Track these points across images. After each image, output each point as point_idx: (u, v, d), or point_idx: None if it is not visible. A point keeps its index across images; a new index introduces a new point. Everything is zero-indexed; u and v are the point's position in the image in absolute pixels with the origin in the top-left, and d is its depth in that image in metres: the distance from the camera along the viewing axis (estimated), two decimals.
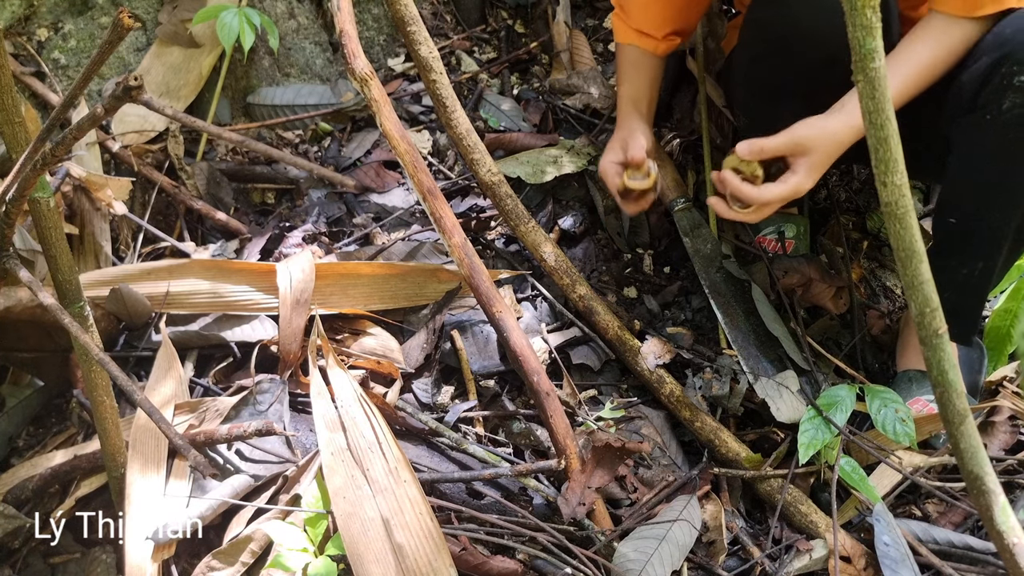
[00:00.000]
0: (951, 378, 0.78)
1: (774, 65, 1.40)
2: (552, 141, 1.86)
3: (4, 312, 1.30)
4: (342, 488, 1.10)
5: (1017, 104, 1.21)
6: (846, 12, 0.70)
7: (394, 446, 1.13)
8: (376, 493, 1.10)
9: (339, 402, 1.18)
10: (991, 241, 1.34)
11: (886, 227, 0.80)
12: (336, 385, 1.20)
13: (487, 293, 1.36)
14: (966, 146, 1.31)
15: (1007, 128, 1.23)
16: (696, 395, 1.42)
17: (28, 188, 0.88)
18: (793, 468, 1.34)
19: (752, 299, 1.54)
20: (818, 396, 1.37)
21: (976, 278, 1.38)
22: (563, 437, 1.26)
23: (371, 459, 1.12)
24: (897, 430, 1.29)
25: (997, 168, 1.29)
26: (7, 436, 1.38)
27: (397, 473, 1.11)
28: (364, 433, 1.15)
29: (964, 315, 1.44)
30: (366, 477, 1.11)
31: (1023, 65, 1.19)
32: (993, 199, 1.31)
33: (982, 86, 1.25)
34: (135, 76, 0.66)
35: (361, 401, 1.18)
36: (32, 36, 1.70)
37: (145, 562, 1.10)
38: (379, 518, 1.08)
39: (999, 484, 0.81)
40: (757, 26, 1.42)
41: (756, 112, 1.55)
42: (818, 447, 1.28)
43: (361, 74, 1.38)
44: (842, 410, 1.31)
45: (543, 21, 2.19)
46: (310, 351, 1.28)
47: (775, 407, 1.39)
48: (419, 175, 1.38)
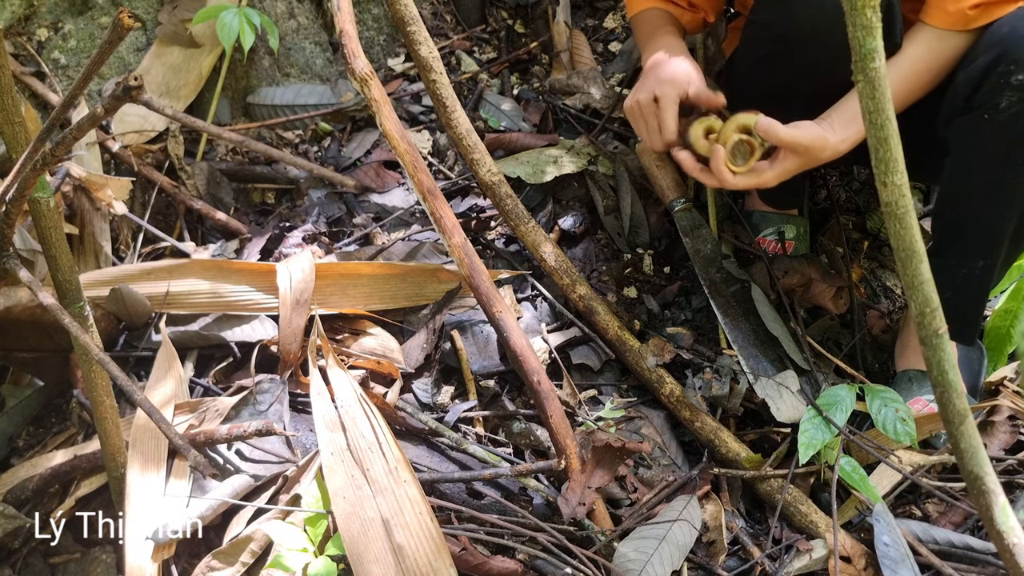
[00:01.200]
0: (951, 378, 0.78)
1: (776, 67, 1.40)
2: (552, 141, 1.86)
3: (4, 312, 1.30)
4: (342, 488, 1.10)
5: (1014, 103, 1.21)
6: (846, 12, 0.70)
7: (394, 446, 1.13)
8: (376, 493, 1.10)
9: (339, 402, 1.18)
10: (990, 240, 1.34)
11: (886, 227, 0.80)
12: (336, 385, 1.20)
13: (487, 293, 1.36)
14: (963, 146, 1.31)
15: (1004, 127, 1.23)
16: (696, 395, 1.42)
17: (28, 188, 0.88)
18: (793, 468, 1.34)
19: (752, 299, 1.54)
20: (818, 396, 1.37)
21: (976, 277, 1.38)
22: (563, 437, 1.26)
23: (371, 459, 1.12)
24: (898, 429, 1.29)
25: (995, 167, 1.29)
26: (7, 436, 1.38)
27: (397, 473, 1.11)
28: (364, 433, 1.15)
29: (965, 314, 1.45)
30: (366, 477, 1.11)
31: (1020, 64, 1.19)
32: (991, 198, 1.31)
33: (979, 85, 1.25)
34: (135, 76, 0.66)
35: (361, 401, 1.18)
36: (32, 36, 1.70)
37: (145, 562, 1.10)
38: (379, 518, 1.08)
39: (999, 484, 0.80)
40: (759, 28, 1.42)
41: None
42: (818, 447, 1.28)
43: (361, 74, 1.38)
44: (842, 410, 1.31)
45: (543, 21, 2.19)
46: (310, 351, 1.28)
47: (775, 407, 1.39)
48: (419, 175, 1.38)
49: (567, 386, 1.46)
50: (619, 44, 2.17)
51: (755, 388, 1.42)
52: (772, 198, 1.70)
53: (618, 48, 2.16)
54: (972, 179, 1.33)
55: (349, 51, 1.40)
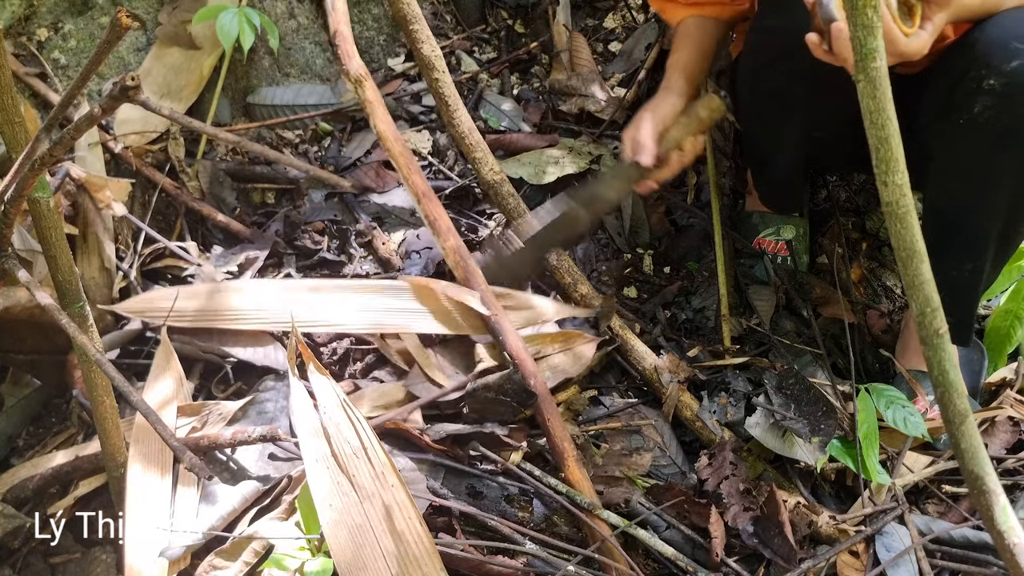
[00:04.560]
0: (952, 378, 0.78)
1: (781, 72, 1.38)
2: (552, 142, 1.86)
3: (3, 312, 1.30)
4: (328, 495, 1.08)
5: (988, 108, 1.19)
6: (847, 12, 0.70)
7: (380, 451, 1.12)
8: (363, 499, 1.09)
9: (321, 409, 1.16)
10: (977, 243, 1.33)
11: (886, 227, 0.79)
12: (318, 392, 1.17)
13: (483, 296, 1.36)
14: (944, 151, 1.31)
15: (980, 132, 1.22)
16: (711, 419, 1.41)
17: (27, 188, 0.88)
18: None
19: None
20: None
21: (967, 279, 1.37)
22: (560, 440, 1.26)
23: (356, 465, 1.11)
24: (908, 423, 1.31)
25: (974, 172, 1.28)
26: (7, 436, 1.38)
27: (384, 478, 1.10)
28: (348, 439, 1.13)
29: (958, 316, 1.43)
30: (352, 483, 1.10)
31: (991, 69, 1.17)
32: (974, 201, 1.31)
33: (953, 90, 1.24)
34: (132, 76, 0.65)
35: (344, 407, 1.16)
36: (32, 36, 1.70)
37: (145, 562, 1.10)
38: (367, 524, 1.07)
39: (999, 484, 0.80)
40: (763, 34, 1.41)
41: (762, 117, 1.54)
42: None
43: (356, 75, 1.38)
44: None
45: (543, 21, 2.19)
46: (289, 359, 1.24)
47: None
48: (413, 177, 1.37)
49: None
50: (619, 44, 2.17)
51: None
52: (774, 201, 1.70)
53: (618, 48, 2.16)
54: (954, 184, 1.33)
55: (344, 52, 1.40)
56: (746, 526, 1.27)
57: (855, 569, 1.24)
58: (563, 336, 1.41)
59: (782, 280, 1.65)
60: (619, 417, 1.44)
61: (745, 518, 1.27)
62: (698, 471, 1.35)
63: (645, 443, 1.40)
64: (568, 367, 1.39)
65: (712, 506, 1.27)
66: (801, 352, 1.54)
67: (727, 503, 1.28)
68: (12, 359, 1.39)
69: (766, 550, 1.24)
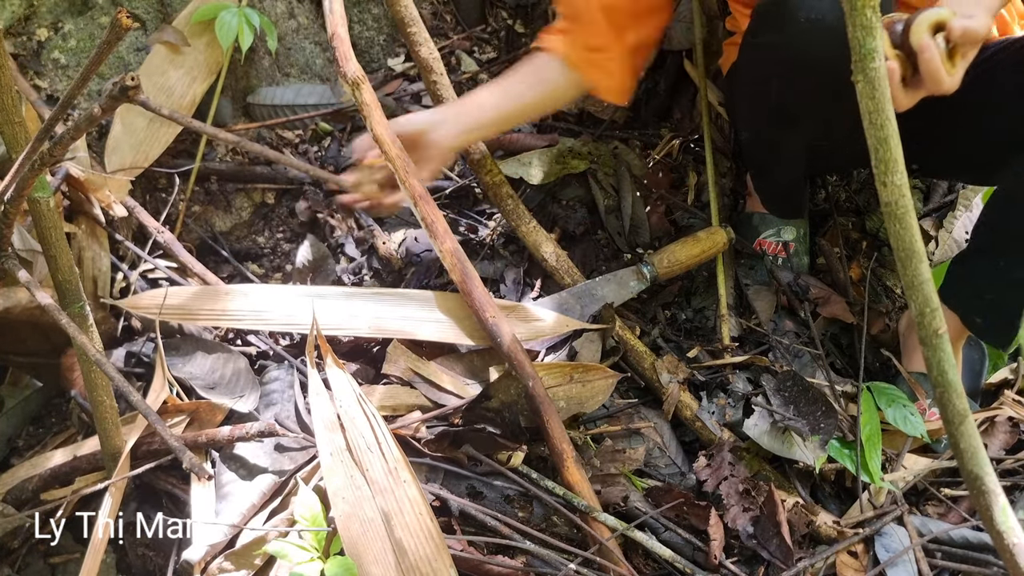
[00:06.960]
0: (951, 378, 0.78)
1: (778, 89, 1.37)
2: (552, 141, 1.85)
3: (3, 313, 1.30)
4: (341, 489, 1.09)
5: None
6: (846, 12, 0.70)
7: (394, 446, 1.13)
8: (376, 493, 1.10)
9: (338, 402, 1.18)
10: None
11: (886, 227, 0.79)
12: (335, 385, 1.20)
13: (480, 299, 1.36)
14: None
15: None
16: (711, 420, 1.41)
17: (27, 187, 0.88)
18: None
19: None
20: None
21: (1022, 284, 1.35)
22: (559, 441, 1.26)
23: (370, 459, 1.12)
24: (908, 422, 1.31)
25: None
26: (7, 436, 1.38)
27: (396, 473, 1.11)
28: (363, 433, 1.14)
29: (1003, 317, 1.40)
30: (365, 477, 1.11)
31: None
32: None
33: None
34: (132, 76, 0.66)
35: (360, 401, 1.17)
36: (32, 36, 1.70)
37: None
38: (379, 518, 1.08)
39: (999, 484, 0.80)
40: (758, 51, 1.39)
41: (761, 130, 1.54)
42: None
43: (352, 78, 1.38)
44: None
45: (543, 21, 2.18)
46: (308, 352, 1.27)
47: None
48: (410, 180, 1.37)
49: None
50: None
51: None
52: (775, 207, 1.70)
53: None
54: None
55: (340, 54, 1.39)
56: (745, 527, 1.27)
57: (854, 570, 1.24)
58: (583, 368, 1.39)
59: (782, 281, 1.65)
60: (619, 418, 1.44)
61: (744, 519, 1.27)
62: (697, 472, 1.35)
63: (645, 443, 1.40)
64: (584, 400, 1.37)
65: (711, 508, 1.27)
66: (800, 352, 1.55)
67: (726, 504, 1.28)
68: (12, 360, 1.39)
69: (764, 551, 1.24)
